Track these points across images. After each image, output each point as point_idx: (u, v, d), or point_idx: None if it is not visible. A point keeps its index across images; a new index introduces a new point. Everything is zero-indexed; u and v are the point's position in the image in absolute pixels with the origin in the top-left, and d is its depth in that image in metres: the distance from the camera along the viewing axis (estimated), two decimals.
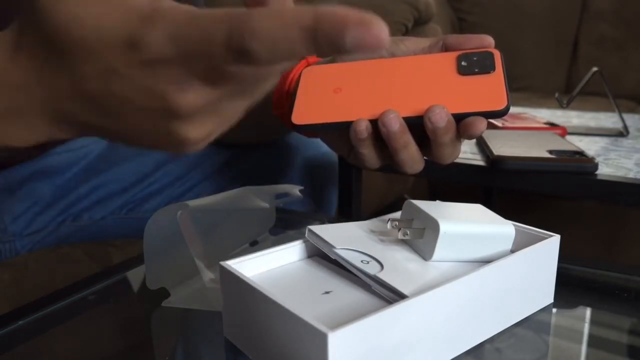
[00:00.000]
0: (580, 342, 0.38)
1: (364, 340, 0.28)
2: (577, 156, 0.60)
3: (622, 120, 0.80)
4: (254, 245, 0.51)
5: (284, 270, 0.38)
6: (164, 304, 0.41)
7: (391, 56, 0.43)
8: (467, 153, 0.69)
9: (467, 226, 0.37)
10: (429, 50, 0.43)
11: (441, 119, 0.37)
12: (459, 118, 0.38)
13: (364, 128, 0.39)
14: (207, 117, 0.28)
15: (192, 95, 0.26)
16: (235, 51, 0.22)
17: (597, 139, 0.77)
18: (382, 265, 0.35)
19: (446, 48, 0.42)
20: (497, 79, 0.39)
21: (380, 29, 0.20)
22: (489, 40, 0.41)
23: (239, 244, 0.50)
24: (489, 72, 0.39)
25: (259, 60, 0.22)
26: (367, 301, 0.34)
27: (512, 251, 0.37)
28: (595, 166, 0.58)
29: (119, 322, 0.42)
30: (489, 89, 0.38)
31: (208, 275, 0.42)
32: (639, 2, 1.64)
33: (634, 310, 0.42)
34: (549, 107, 1.14)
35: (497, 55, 0.40)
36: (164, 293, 0.41)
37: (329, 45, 0.21)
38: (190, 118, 0.27)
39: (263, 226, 0.53)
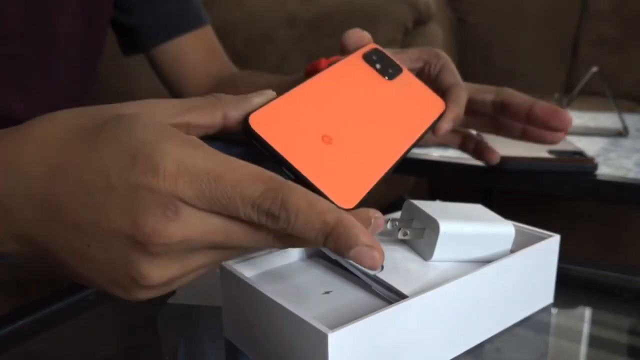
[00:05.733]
0: (580, 342, 0.38)
1: (364, 340, 0.28)
2: (577, 156, 0.60)
3: (622, 120, 0.80)
4: None
5: (284, 270, 0.38)
6: (170, 301, 0.41)
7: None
8: None
9: (467, 226, 0.37)
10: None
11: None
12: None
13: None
14: (172, 260, 0.25)
15: (172, 228, 0.23)
16: (262, 211, 0.23)
17: (596, 139, 0.77)
18: (382, 265, 0.35)
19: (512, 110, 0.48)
20: (411, 78, 0.41)
21: (377, 260, 0.23)
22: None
23: None
24: (401, 71, 0.40)
25: (277, 224, 0.23)
26: (367, 301, 0.34)
27: (512, 251, 0.37)
28: (595, 166, 0.58)
29: (118, 323, 0.42)
30: (419, 91, 0.41)
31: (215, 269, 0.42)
32: (639, 2, 1.64)
33: (634, 310, 0.42)
34: None
35: (382, 50, 0.41)
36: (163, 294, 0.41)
37: (334, 246, 0.23)
38: (156, 255, 0.24)
39: None
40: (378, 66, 0.38)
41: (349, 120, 0.33)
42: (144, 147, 0.23)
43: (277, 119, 0.29)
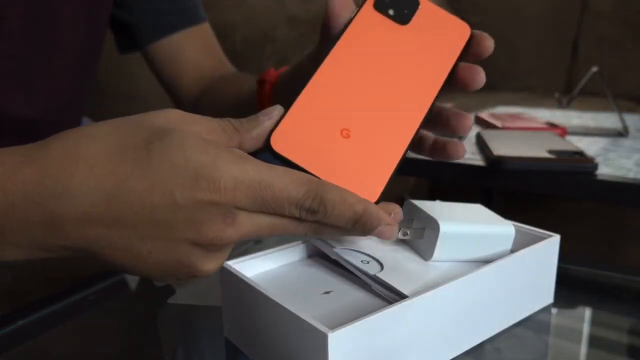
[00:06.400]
0: (580, 342, 0.38)
1: (364, 340, 0.28)
2: (577, 156, 0.60)
3: (622, 120, 0.80)
4: (259, 244, 0.51)
5: (284, 270, 0.38)
6: (170, 301, 0.41)
7: None
8: (467, 153, 0.69)
9: (467, 226, 0.37)
10: None
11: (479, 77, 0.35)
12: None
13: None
14: (225, 252, 0.29)
15: (230, 231, 0.27)
16: (304, 209, 0.28)
17: (597, 139, 0.77)
18: (382, 265, 0.35)
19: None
20: (429, 8, 0.36)
21: (395, 233, 0.29)
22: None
23: (241, 243, 0.50)
24: (417, 5, 0.36)
25: (315, 217, 0.28)
26: (367, 301, 0.34)
27: (512, 251, 0.37)
28: (595, 166, 0.58)
29: (118, 323, 0.42)
30: (440, 24, 0.36)
31: None
32: (639, 2, 1.64)
33: (634, 310, 0.42)
34: (549, 107, 1.14)
35: None
36: (163, 294, 0.41)
37: (362, 230, 0.29)
38: (215, 253, 0.29)
39: None
40: (391, 12, 0.35)
41: (367, 98, 0.33)
42: (204, 169, 0.26)
43: (296, 132, 0.31)
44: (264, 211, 0.28)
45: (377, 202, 0.30)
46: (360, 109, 0.32)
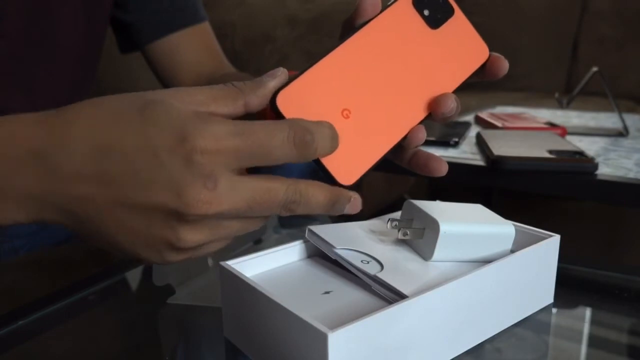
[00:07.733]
0: (580, 342, 0.38)
1: (364, 340, 0.28)
2: (577, 156, 0.60)
3: (622, 120, 0.80)
4: (259, 244, 0.51)
5: (284, 270, 0.38)
6: (170, 300, 0.41)
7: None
8: (467, 153, 0.69)
9: (467, 226, 0.37)
10: None
11: (452, 109, 0.35)
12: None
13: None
14: (205, 226, 0.29)
15: (210, 197, 0.27)
16: (297, 139, 0.28)
17: (597, 139, 0.77)
18: (382, 265, 0.35)
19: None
20: (461, 20, 0.37)
21: (357, 206, 0.32)
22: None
23: (241, 243, 0.50)
24: (452, 14, 0.36)
25: (307, 149, 0.29)
26: (367, 301, 0.34)
27: (512, 251, 0.37)
28: (595, 166, 0.58)
29: (118, 323, 0.42)
30: (464, 38, 0.37)
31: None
32: (639, 2, 1.64)
33: (634, 310, 0.42)
34: (549, 107, 1.14)
35: None
36: (163, 294, 0.41)
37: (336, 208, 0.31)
38: (192, 222, 0.28)
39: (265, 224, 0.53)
40: (426, 12, 0.36)
41: (374, 88, 0.33)
42: (189, 130, 0.27)
43: (302, 96, 0.31)
44: (253, 161, 0.28)
45: (350, 188, 0.31)
46: (366, 95, 0.33)
